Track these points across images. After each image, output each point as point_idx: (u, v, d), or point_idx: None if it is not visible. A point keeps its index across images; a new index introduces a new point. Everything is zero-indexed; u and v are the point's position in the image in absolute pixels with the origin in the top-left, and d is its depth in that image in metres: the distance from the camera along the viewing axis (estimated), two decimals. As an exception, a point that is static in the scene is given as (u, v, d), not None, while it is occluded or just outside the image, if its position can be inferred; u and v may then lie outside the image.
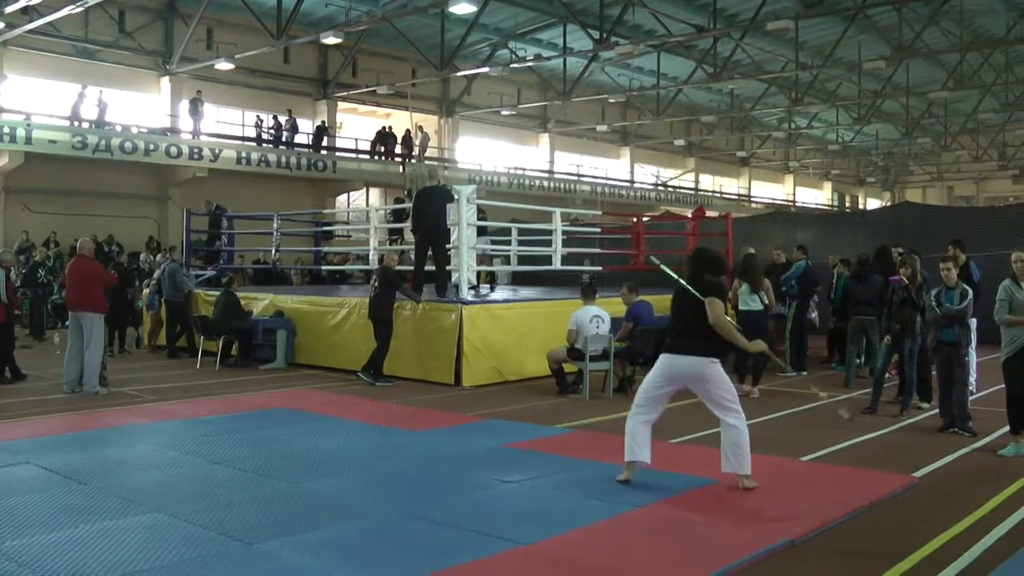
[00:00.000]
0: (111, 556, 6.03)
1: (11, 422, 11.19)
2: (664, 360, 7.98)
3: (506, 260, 20.16)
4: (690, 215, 23.84)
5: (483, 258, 18.44)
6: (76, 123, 29.70)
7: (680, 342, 7.94)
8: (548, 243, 18.08)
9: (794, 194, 66.33)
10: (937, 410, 11.09)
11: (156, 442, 9.99)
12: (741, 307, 13.65)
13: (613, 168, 51.92)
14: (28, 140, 27.84)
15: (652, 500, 7.43)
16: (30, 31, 28.18)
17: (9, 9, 26.14)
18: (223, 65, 32.28)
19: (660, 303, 15.64)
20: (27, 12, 27.02)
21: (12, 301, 15.13)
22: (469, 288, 15.50)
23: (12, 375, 14.85)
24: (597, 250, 20.17)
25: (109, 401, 12.87)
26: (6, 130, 27.50)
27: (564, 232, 18.05)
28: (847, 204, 71.52)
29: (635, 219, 21.57)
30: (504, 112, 43.62)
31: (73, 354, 13.65)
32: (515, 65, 37.36)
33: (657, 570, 5.92)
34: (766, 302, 13.74)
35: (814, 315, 16.77)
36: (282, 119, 35.36)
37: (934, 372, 11.54)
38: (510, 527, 6.61)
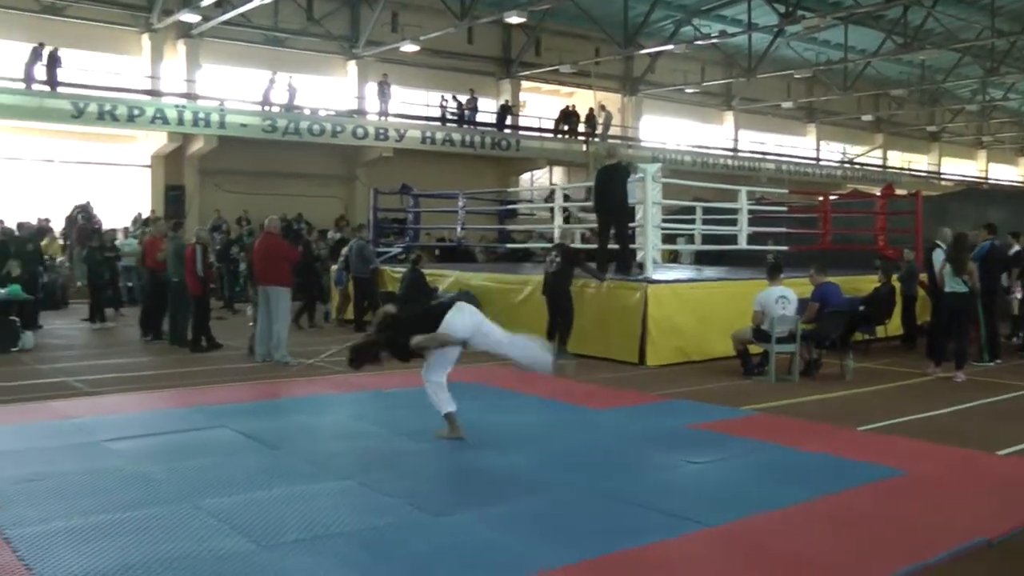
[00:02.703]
0: (304, 518, 6.31)
1: (208, 388, 11.81)
2: None
3: (690, 239, 20.02)
4: (878, 193, 23.24)
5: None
6: (267, 108, 30.86)
7: None
8: (732, 222, 17.87)
9: (987, 171, 63.68)
10: None
11: (344, 412, 10.38)
12: (947, 289, 13.27)
13: (798, 146, 50.86)
14: (222, 125, 29.22)
15: (840, 489, 7.25)
16: (223, 23, 29.40)
17: (205, 3, 27.32)
18: (408, 47, 32.95)
19: (848, 284, 15.37)
20: (220, 5, 28.25)
21: (208, 275, 15.91)
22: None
23: (208, 344, 15.65)
24: (783, 229, 19.82)
25: (299, 371, 13.33)
26: (201, 116, 28.97)
27: (749, 211, 17.82)
28: (1045, 181, 68.42)
29: (821, 198, 21.15)
30: (688, 90, 43.04)
31: (263, 326, 14.22)
32: (699, 42, 36.86)
33: (845, 561, 5.79)
34: (970, 285, 13.27)
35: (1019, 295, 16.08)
36: (462, 99, 35.80)
37: None
38: (697, 508, 6.60)
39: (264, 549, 5.71)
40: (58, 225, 27.31)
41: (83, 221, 25.97)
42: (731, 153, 45.68)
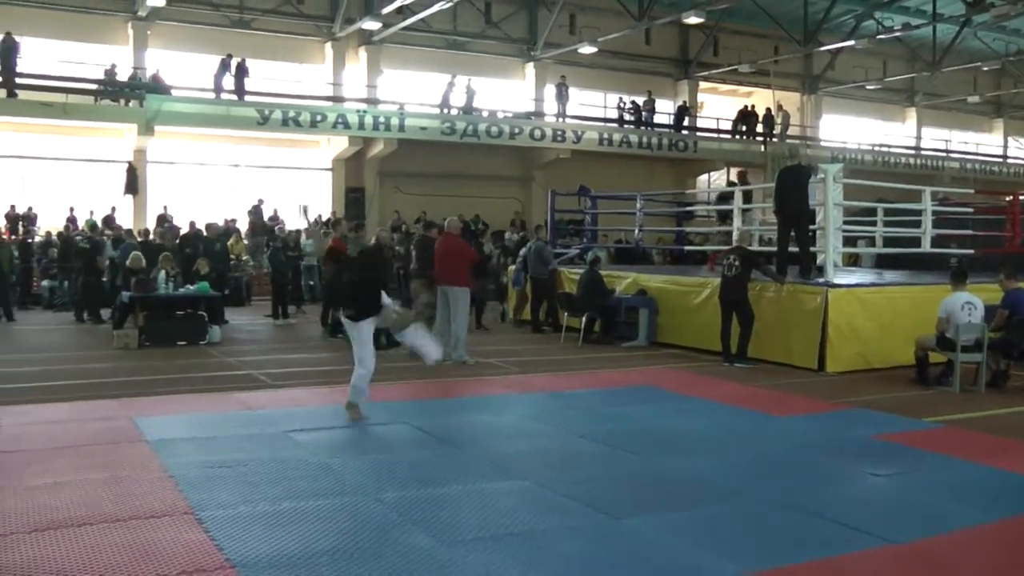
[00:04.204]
0: (482, 516, 6.43)
1: (388, 384, 11.97)
2: None
3: (871, 242, 19.54)
4: (1072, 193, 22.27)
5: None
6: (445, 110, 31.46)
7: None
8: (915, 224, 17.37)
9: None
10: None
11: (522, 412, 10.47)
12: None
13: (984, 143, 49.02)
14: (401, 128, 30.11)
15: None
16: (403, 28, 30.14)
17: (386, 10, 28.05)
18: (586, 49, 33.08)
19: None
20: (401, 11, 28.91)
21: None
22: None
23: (387, 342, 15.87)
24: (968, 232, 19.14)
25: (476, 371, 13.50)
26: (381, 120, 29.89)
27: (932, 212, 17.27)
28: None
29: (1010, 198, 20.36)
30: (869, 86, 41.99)
31: (442, 325, 14.41)
32: (881, 36, 35.85)
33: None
34: None
35: None
36: (639, 100, 35.74)
37: None
38: (879, 523, 6.39)
39: (443, 545, 5.82)
40: (243, 227, 28.41)
41: (254, 218, 27.38)
42: (913, 152, 44.33)
